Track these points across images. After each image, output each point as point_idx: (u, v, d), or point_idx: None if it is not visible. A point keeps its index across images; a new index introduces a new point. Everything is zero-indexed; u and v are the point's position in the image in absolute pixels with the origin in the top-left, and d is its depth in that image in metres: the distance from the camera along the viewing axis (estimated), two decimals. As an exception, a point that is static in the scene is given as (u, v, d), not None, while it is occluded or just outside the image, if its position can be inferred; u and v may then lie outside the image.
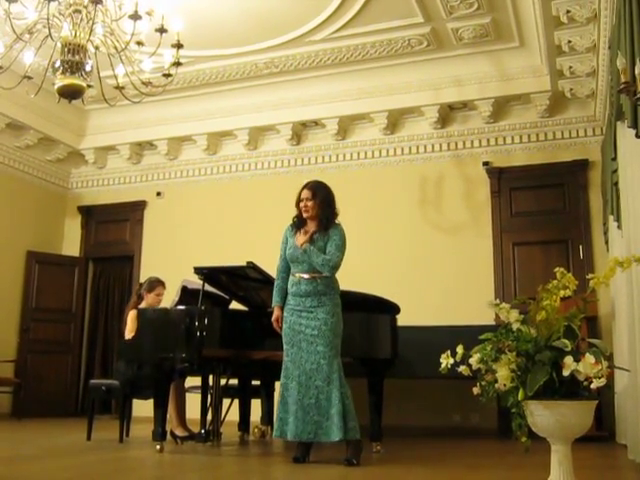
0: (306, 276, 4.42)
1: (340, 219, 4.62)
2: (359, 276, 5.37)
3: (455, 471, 4.22)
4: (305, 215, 4.52)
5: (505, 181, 7.96)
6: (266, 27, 7.27)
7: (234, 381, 6.29)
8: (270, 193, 8.82)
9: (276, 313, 4.53)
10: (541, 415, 2.97)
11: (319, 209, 4.48)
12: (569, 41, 6.60)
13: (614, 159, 5.26)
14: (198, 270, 5.20)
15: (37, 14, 5.39)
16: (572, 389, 2.95)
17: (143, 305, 5.89)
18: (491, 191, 8.00)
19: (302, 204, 4.51)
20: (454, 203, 8.09)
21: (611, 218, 5.74)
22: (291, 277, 4.51)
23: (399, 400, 7.14)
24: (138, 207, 9.65)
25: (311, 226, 4.53)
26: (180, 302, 5.52)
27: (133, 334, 5.65)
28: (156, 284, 6.02)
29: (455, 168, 8.21)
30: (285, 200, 8.22)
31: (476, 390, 3.15)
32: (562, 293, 3.17)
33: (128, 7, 5.46)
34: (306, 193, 4.52)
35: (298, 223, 4.58)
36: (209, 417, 5.44)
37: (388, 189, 8.38)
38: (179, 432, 5.68)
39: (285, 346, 4.44)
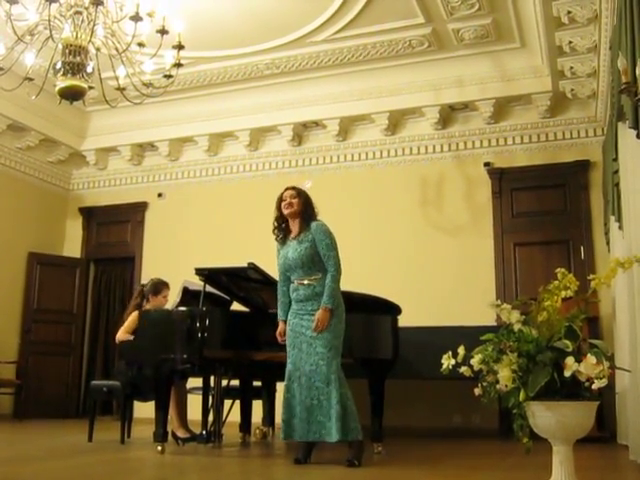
0: (304, 282, 4.45)
1: (341, 220, 4.65)
2: (360, 277, 5.37)
3: (456, 472, 4.22)
4: (288, 210, 4.54)
5: (506, 182, 7.96)
6: (267, 28, 7.27)
7: (235, 382, 6.28)
8: (271, 194, 8.66)
9: (280, 327, 4.56)
10: (542, 416, 2.96)
11: (302, 207, 4.54)
12: (570, 42, 6.60)
13: (615, 160, 5.26)
14: (199, 271, 5.20)
15: (38, 15, 5.39)
16: (573, 390, 2.95)
17: (148, 307, 5.89)
18: (492, 192, 8.00)
19: (285, 202, 4.57)
20: (455, 204, 8.09)
21: (612, 219, 5.74)
22: (291, 284, 4.54)
23: (400, 401, 7.13)
24: (139, 208, 9.66)
25: (294, 229, 4.57)
26: (181, 303, 5.52)
27: (128, 334, 5.65)
28: (161, 286, 6.01)
29: (456, 169, 8.20)
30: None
31: (477, 391, 3.15)
32: (563, 294, 3.17)
33: (129, 8, 5.46)
34: (290, 192, 4.60)
35: (283, 233, 4.60)
36: (210, 418, 5.44)
37: (389, 190, 8.38)
38: (180, 433, 5.67)
39: (287, 348, 4.45)
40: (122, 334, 5.76)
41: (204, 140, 9.19)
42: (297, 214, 4.55)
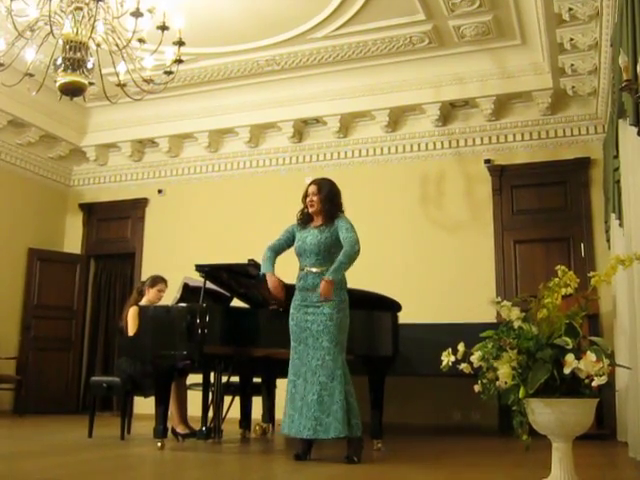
0: (314, 269, 4.44)
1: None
2: (360, 273, 5.34)
3: (455, 469, 4.22)
4: (310, 210, 4.60)
5: (506, 179, 7.95)
6: (268, 24, 7.26)
7: (235, 378, 6.29)
8: (271, 190, 8.82)
9: (270, 279, 4.50)
10: (542, 413, 2.97)
11: (323, 204, 4.55)
12: (571, 39, 6.59)
13: (616, 157, 5.25)
14: (199, 267, 5.21)
15: (39, 11, 5.38)
16: (573, 387, 2.95)
17: (144, 301, 5.91)
18: (492, 189, 7.99)
19: (308, 199, 4.61)
20: (455, 201, 8.09)
21: (613, 216, 5.74)
22: (299, 272, 4.55)
23: (400, 398, 7.14)
24: (139, 204, 9.66)
25: (317, 220, 4.60)
26: (181, 299, 5.53)
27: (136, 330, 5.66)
28: (159, 280, 6.06)
29: (456, 166, 8.20)
30: (286, 197, 8.26)
31: (477, 388, 3.16)
32: (563, 291, 3.17)
33: (130, 4, 5.45)
34: (312, 189, 4.61)
35: (305, 219, 4.64)
36: (210, 414, 5.44)
37: (389, 187, 8.37)
38: (180, 429, 5.69)
39: (292, 343, 4.45)
40: (132, 330, 5.74)
41: (204, 136, 9.18)
42: (320, 212, 4.58)
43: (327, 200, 4.56)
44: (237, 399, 6.30)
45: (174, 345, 4.96)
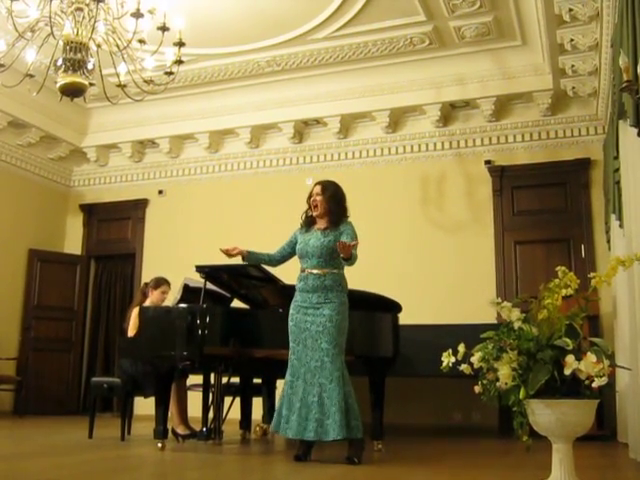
0: (315, 271, 4.44)
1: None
2: (361, 274, 5.36)
3: (456, 470, 4.22)
4: (314, 211, 4.58)
5: (507, 179, 7.95)
6: (268, 25, 7.27)
7: (235, 379, 6.29)
8: (272, 191, 8.83)
9: (238, 249, 4.68)
10: (542, 414, 2.97)
11: (327, 205, 4.54)
12: (571, 39, 6.59)
13: (616, 158, 5.25)
14: (199, 268, 5.21)
15: (39, 12, 5.39)
16: (573, 388, 2.95)
17: (147, 302, 5.92)
18: (493, 190, 7.99)
19: (312, 200, 4.59)
20: (456, 201, 8.09)
21: (613, 217, 5.74)
22: (300, 273, 4.54)
23: (400, 399, 7.13)
24: (140, 205, 9.66)
25: (321, 223, 4.58)
26: (182, 300, 5.53)
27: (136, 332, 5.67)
28: (162, 282, 6.08)
29: (457, 166, 8.20)
30: (287, 198, 8.30)
31: (477, 389, 3.16)
32: (564, 292, 3.17)
33: (130, 5, 5.45)
34: (317, 189, 4.60)
35: (308, 222, 4.64)
36: (210, 415, 5.44)
37: (390, 188, 8.37)
38: (180, 430, 5.68)
39: (291, 344, 4.45)
40: (132, 331, 5.77)
41: (205, 137, 9.18)
42: (324, 214, 4.56)
43: (332, 201, 4.54)
44: (237, 400, 6.30)
45: (174, 346, 4.96)
